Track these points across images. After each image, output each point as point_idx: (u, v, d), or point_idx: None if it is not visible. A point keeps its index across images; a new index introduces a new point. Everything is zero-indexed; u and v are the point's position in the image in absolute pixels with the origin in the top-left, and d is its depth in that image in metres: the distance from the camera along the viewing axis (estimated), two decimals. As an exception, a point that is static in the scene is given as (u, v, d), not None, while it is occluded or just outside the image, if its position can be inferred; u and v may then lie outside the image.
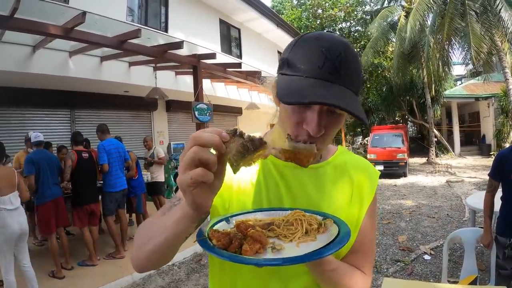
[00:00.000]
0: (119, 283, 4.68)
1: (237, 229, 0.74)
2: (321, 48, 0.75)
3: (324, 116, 0.78)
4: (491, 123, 18.26)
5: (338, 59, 0.74)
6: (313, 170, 0.96)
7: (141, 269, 0.84)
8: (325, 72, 0.74)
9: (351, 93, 0.76)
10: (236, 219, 0.83)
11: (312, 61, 0.75)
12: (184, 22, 10.19)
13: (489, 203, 3.10)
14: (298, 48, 0.80)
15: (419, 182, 12.14)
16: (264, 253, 0.69)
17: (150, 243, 0.76)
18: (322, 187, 0.95)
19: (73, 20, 4.60)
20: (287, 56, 0.81)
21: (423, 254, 5.31)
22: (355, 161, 1.03)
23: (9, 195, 3.85)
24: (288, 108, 0.81)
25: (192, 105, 6.34)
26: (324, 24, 26.10)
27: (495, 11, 12.95)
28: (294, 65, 0.78)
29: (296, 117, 0.80)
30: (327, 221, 0.80)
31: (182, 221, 0.68)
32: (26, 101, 7.45)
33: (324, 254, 0.66)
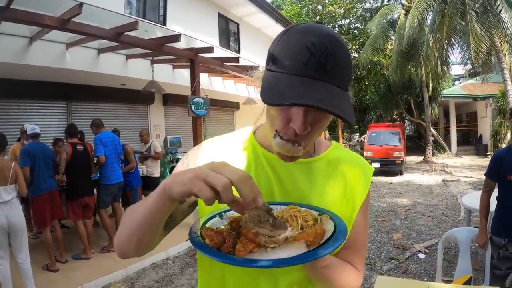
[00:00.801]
0: (113, 277, 4.68)
1: (231, 227, 0.72)
2: (307, 43, 0.72)
3: (310, 114, 0.76)
4: (488, 124, 18.32)
5: (324, 55, 0.71)
6: (306, 165, 0.95)
7: (122, 253, 0.85)
8: (310, 69, 0.71)
9: (338, 89, 0.73)
10: (230, 214, 0.81)
11: (296, 57, 0.72)
12: (183, 15, 10.12)
13: (485, 203, 3.09)
14: (284, 42, 0.77)
15: (415, 181, 12.18)
16: (258, 252, 0.66)
17: (130, 224, 0.78)
18: (315, 182, 0.94)
19: (70, 11, 4.55)
20: (273, 51, 0.78)
21: (417, 253, 5.33)
22: (349, 157, 1.02)
23: (1, 188, 3.79)
24: (274, 111, 0.80)
25: (188, 98, 6.30)
26: (324, 20, 25.99)
27: (496, 11, 12.94)
28: (279, 61, 0.75)
29: (283, 115, 0.78)
30: (323, 216, 0.78)
31: (160, 197, 0.69)
32: (22, 93, 7.40)
33: (320, 254, 0.64)
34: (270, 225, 0.67)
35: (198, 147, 1.01)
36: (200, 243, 0.68)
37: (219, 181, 0.59)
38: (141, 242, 0.80)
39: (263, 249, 0.67)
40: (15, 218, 3.88)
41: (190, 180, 0.61)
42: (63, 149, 5.10)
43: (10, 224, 3.83)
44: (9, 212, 3.83)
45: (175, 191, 0.64)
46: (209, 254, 0.64)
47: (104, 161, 5.37)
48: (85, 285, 4.37)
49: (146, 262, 5.17)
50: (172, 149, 10.12)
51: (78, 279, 4.48)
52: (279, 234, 0.67)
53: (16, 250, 3.96)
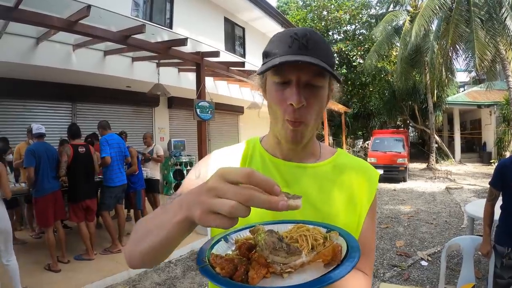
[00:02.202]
0: (115, 278, 4.68)
1: (240, 252, 0.69)
2: (290, 34, 0.85)
3: (302, 89, 0.84)
4: (493, 131, 18.24)
5: (305, 38, 0.83)
6: (312, 169, 0.98)
7: (133, 266, 0.83)
8: (294, 49, 0.82)
9: (321, 61, 0.82)
10: (236, 236, 0.79)
11: (282, 44, 0.84)
12: (189, 19, 10.18)
13: (489, 212, 3.08)
14: (272, 41, 0.89)
15: (418, 188, 12.13)
16: (271, 278, 0.65)
17: (145, 242, 0.74)
18: (322, 187, 0.96)
19: (78, 13, 4.59)
20: (264, 50, 0.90)
21: (420, 260, 5.30)
22: (355, 162, 1.05)
23: None
24: (272, 91, 0.89)
25: (194, 102, 6.33)
26: (329, 26, 26.06)
27: (501, 19, 12.94)
28: (269, 53, 0.87)
29: (279, 96, 0.86)
30: (332, 233, 0.76)
31: (182, 224, 0.63)
32: (28, 93, 7.45)
33: (337, 276, 0.61)
34: (284, 251, 0.65)
35: (208, 157, 1.03)
36: (211, 273, 0.64)
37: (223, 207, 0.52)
38: (155, 260, 0.79)
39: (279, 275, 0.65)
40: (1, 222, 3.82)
41: (200, 216, 0.55)
42: (64, 151, 5.08)
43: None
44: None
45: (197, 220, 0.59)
46: (223, 285, 0.60)
47: (109, 163, 5.37)
48: (87, 286, 4.36)
49: (148, 265, 5.16)
50: (176, 152, 10.16)
51: (80, 280, 4.47)
52: (294, 261, 0.65)
53: (1, 251, 3.88)
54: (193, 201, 0.59)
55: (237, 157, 1.01)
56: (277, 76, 0.86)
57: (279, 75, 0.85)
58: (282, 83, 0.85)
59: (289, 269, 0.65)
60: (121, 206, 5.88)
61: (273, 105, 0.89)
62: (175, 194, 0.88)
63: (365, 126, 26.10)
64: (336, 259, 0.66)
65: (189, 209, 0.60)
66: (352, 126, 25.92)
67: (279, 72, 0.85)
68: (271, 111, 0.91)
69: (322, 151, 1.05)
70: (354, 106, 24.60)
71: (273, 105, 0.89)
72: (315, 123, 0.90)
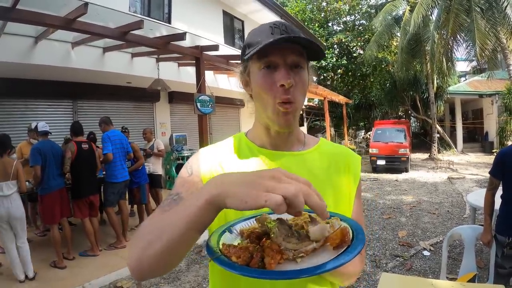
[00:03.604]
0: (120, 274, 4.72)
1: (250, 241, 0.71)
2: (269, 25, 0.89)
3: (289, 70, 0.88)
4: (494, 121, 18.17)
5: (284, 26, 0.88)
6: (299, 156, 1.02)
7: (142, 274, 0.75)
8: (277, 34, 0.86)
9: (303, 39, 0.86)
10: (240, 227, 0.79)
11: (264, 34, 0.87)
12: (187, 13, 10.15)
13: (490, 201, 3.09)
14: (251, 33, 0.93)
15: (420, 178, 12.14)
16: (284, 263, 0.66)
17: (160, 241, 0.69)
18: (312, 173, 0.99)
19: (76, 11, 4.58)
20: (245, 43, 0.94)
21: (422, 250, 5.33)
22: (338, 148, 1.12)
23: (2, 183, 4.15)
24: (259, 78, 0.90)
25: (194, 96, 6.33)
26: (329, 17, 25.94)
27: (501, 8, 12.83)
28: (252, 43, 0.89)
29: (268, 80, 0.89)
30: (333, 219, 0.78)
31: (209, 205, 0.63)
32: (28, 92, 7.47)
33: (350, 256, 0.63)
34: (296, 238, 0.68)
35: (198, 153, 1.04)
36: (227, 262, 0.64)
37: (288, 191, 0.55)
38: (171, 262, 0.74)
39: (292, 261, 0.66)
40: (15, 210, 4.25)
41: (257, 194, 0.56)
42: (68, 148, 5.13)
43: (11, 216, 4.21)
44: (10, 205, 4.20)
45: (230, 203, 0.60)
46: (243, 273, 0.61)
47: (111, 159, 5.40)
48: (93, 281, 4.42)
49: (152, 259, 5.21)
50: (178, 147, 10.19)
51: (85, 276, 4.53)
52: (304, 247, 0.68)
53: (16, 236, 4.33)
54: (240, 182, 0.60)
55: (225, 151, 1.03)
56: (262, 61, 0.88)
57: (265, 60, 0.88)
58: (268, 68, 0.88)
59: (301, 254, 0.67)
60: (124, 201, 5.91)
61: (261, 92, 0.91)
62: (171, 195, 0.89)
63: (367, 117, 26.06)
64: (345, 241, 0.68)
65: (219, 194, 0.61)
66: (354, 117, 25.89)
67: (264, 57, 0.88)
68: (259, 99, 0.93)
69: (306, 139, 1.10)
70: (355, 97, 24.56)
71: (262, 92, 0.91)
72: (301, 104, 0.94)
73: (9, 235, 4.26)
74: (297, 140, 1.06)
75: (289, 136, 1.01)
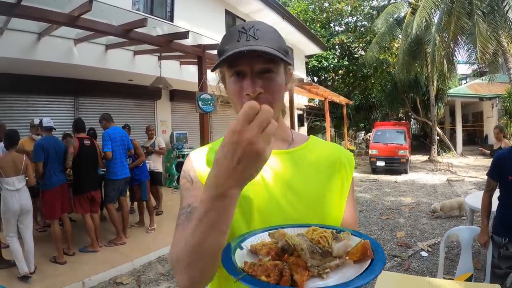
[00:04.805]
0: (120, 270, 4.76)
1: (273, 258, 0.69)
2: (238, 29, 0.88)
3: (257, 78, 0.87)
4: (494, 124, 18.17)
5: (252, 30, 0.87)
6: (288, 154, 1.01)
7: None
8: (242, 42, 0.85)
9: (268, 47, 0.85)
10: (250, 243, 0.78)
11: (232, 40, 0.87)
12: (190, 11, 10.18)
13: (487, 202, 3.13)
14: (223, 38, 0.92)
15: (419, 180, 12.17)
16: (311, 280, 0.66)
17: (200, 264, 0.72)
18: (302, 171, 0.99)
19: (80, 8, 4.61)
20: (218, 49, 0.93)
21: (420, 251, 5.36)
22: (329, 145, 1.11)
23: (13, 177, 4.26)
24: (230, 85, 0.92)
25: (196, 95, 6.36)
26: (331, 17, 25.96)
27: (503, 11, 12.83)
28: (221, 51, 0.90)
29: (237, 88, 0.89)
30: (344, 234, 0.78)
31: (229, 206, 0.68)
32: (30, 88, 7.50)
33: (378, 271, 0.65)
34: (319, 254, 0.69)
35: (189, 159, 1.03)
36: (258, 282, 0.62)
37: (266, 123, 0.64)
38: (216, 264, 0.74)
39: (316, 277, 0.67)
40: (25, 201, 4.39)
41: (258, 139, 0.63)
42: (70, 143, 5.18)
43: (23, 209, 4.36)
44: (21, 198, 4.31)
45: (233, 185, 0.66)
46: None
47: (110, 157, 5.44)
48: (92, 277, 4.45)
49: (153, 256, 5.25)
50: (179, 145, 10.22)
51: (85, 272, 4.56)
52: (329, 262, 0.69)
53: (23, 229, 4.43)
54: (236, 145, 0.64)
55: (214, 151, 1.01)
56: (231, 69, 0.89)
57: (233, 68, 0.89)
58: (238, 75, 0.89)
59: (327, 270, 0.67)
60: (124, 198, 5.94)
61: (232, 98, 0.93)
62: (183, 208, 0.90)
63: (367, 118, 26.06)
64: (368, 255, 0.69)
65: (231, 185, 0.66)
66: (354, 118, 25.90)
67: (233, 66, 0.89)
68: (232, 104, 0.95)
69: (294, 137, 1.09)
70: (356, 98, 24.56)
71: (233, 98, 0.93)
72: (276, 105, 0.92)
73: (14, 228, 4.34)
74: (282, 138, 1.05)
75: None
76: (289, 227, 0.82)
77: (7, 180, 4.23)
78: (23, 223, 4.41)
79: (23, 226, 4.41)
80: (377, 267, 0.65)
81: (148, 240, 5.80)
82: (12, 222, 4.30)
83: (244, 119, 0.64)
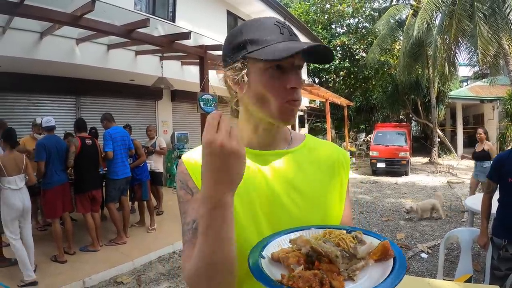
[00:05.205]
0: (120, 269, 4.77)
1: (308, 266, 0.70)
2: (273, 22, 0.90)
3: (299, 72, 0.91)
4: (495, 126, 18.16)
5: (286, 25, 0.91)
6: (291, 155, 1.01)
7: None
8: (286, 36, 0.88)
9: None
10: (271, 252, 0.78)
11: (273, 32, 0.88)
12: (192, 12, 10.20)
13: (487, 204, 3.14)
14: (251, 30, 0.89)
15: (420, 182, 12.17)
16: (346, 284, 0.67)
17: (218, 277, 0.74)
18: (304, 170, 0.99)
19: (82, 8, 4.62)
20: (243, 39, 0.89)
21: (420, 253, 5.37)
22: (325, 144, 1.11)
23: (15, 176, 4.25)
24: (265, 80, 0.88)
25: (197, 95, 6.37)
26: (332, 19, 25.95)
27: (504, 14, 12.83)
28: (259, 40, 0.87)
29: (277, 82, 0.88)
30: (356, 233, 0.79)
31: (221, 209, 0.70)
32: (32, 87, 7.51)
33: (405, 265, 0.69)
34: (347, 258, 0.71)
35: (181, 165, 0.98)
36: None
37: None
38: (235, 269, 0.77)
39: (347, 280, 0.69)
40: (27, 201, 4.40)
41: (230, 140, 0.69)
42: (72, 142, 5.19)
43: (24, 207, 4.35)
44: (23, 197, 4.31)
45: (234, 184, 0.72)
46: None
47: (111, 157, 5.45)
48: (93, 276, 4.46)
49: (153, 256, 5.26)
50: (179, 145, 10.23)
51: (85, 271, 4.57)
52: (355, 263, 0.71)
53: (23, 228, 4.41)
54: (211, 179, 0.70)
55: None
56: (272, 62, 0.85)
57: (276, 62, 0.85)
58: (277, 68, 0.87)
59: (355, 271, 0.70)
60: (125, 198, 5.95)
61: (266, 93, 0.88)
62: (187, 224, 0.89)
63: (368, 119, 26.07)
64: (389, 255, 0.72)
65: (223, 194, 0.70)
66: (355, 120, 25.92)
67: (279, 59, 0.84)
68: (259, 98, 0.90)
69: (293, 136, 1.08)
70: (357, 100, 24.58)
71: (267, 92, 0.88)
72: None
73: (17, 230, 4.30)
74: (284, 138, 1.04)
75: (277, 133, 1.00)
76: (301, 230, 0.83)
77: (9, 179, 4.21)
78: (24, 222, 4.40)
79: (23, 225, 4.40)
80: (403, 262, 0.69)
81: (148, 240, 5.81)
82: (15, 222, 4.27)
83: (211, 129, 0.69)
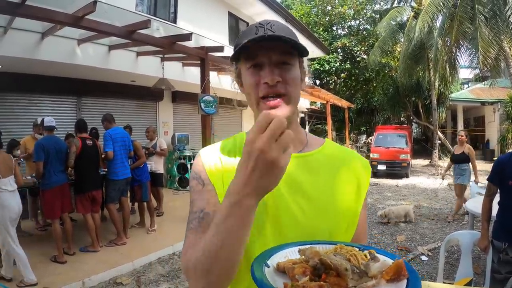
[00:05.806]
0: (120, 270, 4.76)
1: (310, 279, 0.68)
2: (255, 25, 0.90)
3: (275, 68, 0.88)
4: (496, 129, 18.19)
5: (269, 25, 0.88)
6: (302, 158, 0.98)
7: None
8: (260, 33, 0.86)
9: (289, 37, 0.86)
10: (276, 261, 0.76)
11: (250, 34, 0.87)
12: (193, 13, 10.20)
13: (487, 207, 3.13)
14: (240, 34, 0.93)
15: (420, 184, 12.16)
16: None
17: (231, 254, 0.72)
18: (314, 175, 0.96)
19: (84, 9, 4.64)
20: (234, 45, 0.93)
21: (420, 255, 5.36)
22: (346, 151, 1.07)
23: (8, 177, 4.14)
24: (246, 77, 0.92)
25: (198, 97, 6.37)
26: (333, 21, 25.95)
27: (505, 16, 12.85)
28: (237, 44, 0.90)
29: (254, 79, 0.89)
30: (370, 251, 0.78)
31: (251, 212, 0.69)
32: (33, 87, 7.52)
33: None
34: (357, 275, 0.69)
35: (199, 157, 1.00)
36: None
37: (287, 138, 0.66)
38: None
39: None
40: (20, 203, 4.30)
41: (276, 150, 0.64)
42: (73, 142, 5.20)
43: (20, 210, 4.25)
44: (18, 199, 4.24)
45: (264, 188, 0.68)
46: None
47: (112, 157, 5.45)
48: (92, 277, 4.45)
49: (153, 257, 5.25)
50: (180, 146, 10.23)
51: (85, 272, 4.56)
52: (365, 281, 0.68)
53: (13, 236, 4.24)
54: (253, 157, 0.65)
55: (225, 150, 1.00)
56: (249, 60, 0.90)
57: (251, 59, 0.89)
58: (255, 67, 0.89)
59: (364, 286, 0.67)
60: (125, 198, 5.95)
61: (249, 90, 0.92)
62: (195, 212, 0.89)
63: (369, 121, 26.07)
64: (403, 275, 0.69)
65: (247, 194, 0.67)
66: (356, 122, 25.91)
67: (251, 56, 0.89)
68: (248, 97, 0.94)
69: (309, 140, 1.05)
70: (358, 102, 24.56)
71: (249, 89, 0.91)
72: (296, 96, 0.93)
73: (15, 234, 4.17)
74: (298, 141, 1.01)
75: None
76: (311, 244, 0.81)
77: (4, 181, 4.08)
78: (14, 225, 4.23)
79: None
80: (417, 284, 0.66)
81: (148, 241, 5.81)
82: (13, 226, 4.14)
83: (258, 129, 0.64)
